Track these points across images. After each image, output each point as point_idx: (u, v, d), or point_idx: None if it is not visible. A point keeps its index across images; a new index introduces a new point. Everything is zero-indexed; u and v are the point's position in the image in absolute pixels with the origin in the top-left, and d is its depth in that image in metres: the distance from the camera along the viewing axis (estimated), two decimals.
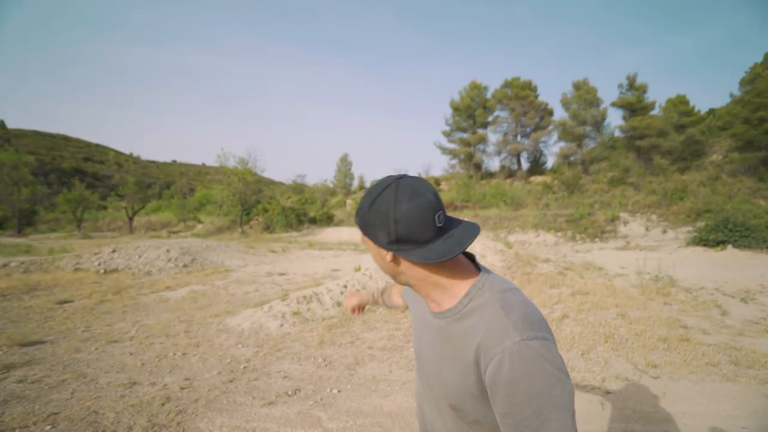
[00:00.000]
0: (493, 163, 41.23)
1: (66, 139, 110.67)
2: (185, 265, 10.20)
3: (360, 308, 1.50)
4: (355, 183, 47.07)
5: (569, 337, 4.25)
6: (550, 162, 37.97)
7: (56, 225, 33.82)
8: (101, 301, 6.74)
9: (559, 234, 17.52)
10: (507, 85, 37.40)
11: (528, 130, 37.75)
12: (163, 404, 2.98)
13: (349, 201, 36.73)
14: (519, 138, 38.07)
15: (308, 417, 2.81)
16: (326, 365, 3.75)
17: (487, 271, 0.81)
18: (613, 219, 17.99)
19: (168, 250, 10.76)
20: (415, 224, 0.72)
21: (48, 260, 10.78)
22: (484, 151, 39.35)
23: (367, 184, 45.43)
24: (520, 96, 36.20)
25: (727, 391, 3.00)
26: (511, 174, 37.51)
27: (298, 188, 45.32)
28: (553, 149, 54.02)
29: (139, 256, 10.45)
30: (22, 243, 21.21)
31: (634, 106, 30.58)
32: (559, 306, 5.53)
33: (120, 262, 10.24)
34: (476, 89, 38.02)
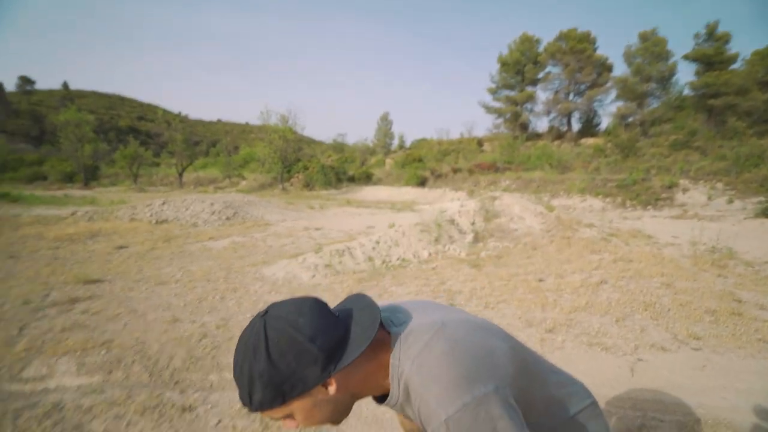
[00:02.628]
0: (541, 124, 38.88)
1: (122, 99, 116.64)
2: (228, 218, 10.71)
3: None
4: (395, 142, 46.43)
5: (605, 303, 4.06)
6: (605, 123, 35.22)
7: (116, 179, 36.49)
8: (152, 248, 7.28)
9: (608, 200, 16.50)
10: (562, 37, 34.28)
11: (582, 87, 34.90)
12: (200, 339, 3.22)
13: (388, 160, 36.39)
14: (571, 96, 35.38)
15: None
16: None
17: (395, 331, 0.71)
18: (671, 186, 16.60)
19: (212, 204, 11.32)
20: (325, 328, 0.64)
21: (108, 210, 11.73)
22: (531, 111, 37.15)
23: (408, 143, 44.74)
24: (576, 49, 33.17)
25: None
26: (559, 135, 35.26)
27: (338, 147, 45.50)
28: (609, 109, 49.85)
29: (186, 209, 11.09)
30: (88, 195, 23.20)
31: (712, 59, 27.10)
32: (598, 272, 5.27)
33: (169, 213, 10.93)
34: (527, 42, 35.25)
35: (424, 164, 28.61)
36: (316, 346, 0.62)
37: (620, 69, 37.03)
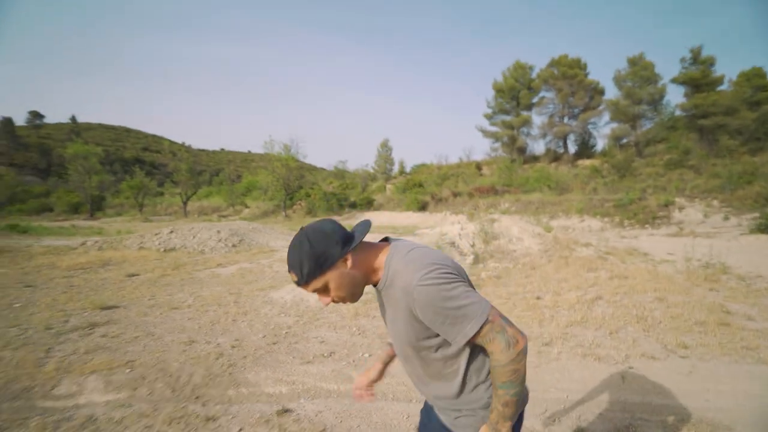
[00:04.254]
0: (538, 147, 39.67)
1: (127, 131, 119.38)
2: (234, 246, 10.96)
3: (369, 387, 1.34)
4: (396, 168, 47.15)
5: (599, 317, 4.26)
6: (600, 145, 35.93)
7: (121, 210, 37.03)
8: (162, 275, 7.51)
9: (606, 220, 16.75)
10: (554, 63, 35.54)
11: (576, 111, 35.80)
12: (217, 358, 3.42)
13: (389, 186, 36.93)
14: (566, 119, 36.24)
15: (341, 374, 3.12)
16: (359, 334, 4.05)
17: (396, 241, 1.07)
18: (667, 204, 16.89)
19: (219, 232, 11.60)
20: (339, 229, 1.01)
21: (117, 240, 12.01)
22: (528, 134, 37.92)
23: (408, 169, 45.43)
24: (568, 75, 34.31)
25: (760, 373, 2.94)
26: (556, 158, 35.90)
27: (340, 174, 46.21)
28: (603, 131, 50.93)
29: (194, 237, 11.37)
30: (95, 225, 23.57)
31: (699, 81, 27.98)
32: (593, 288, 5.48)
33: (177, 242, 11.20)
34: (520, 69, 36.48)
35: (424, 189, 29.07)
36: (336, 235, 0.99)
37: (612, 92, 38.16)
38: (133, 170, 36.90)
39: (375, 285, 1.08)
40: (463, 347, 1.00)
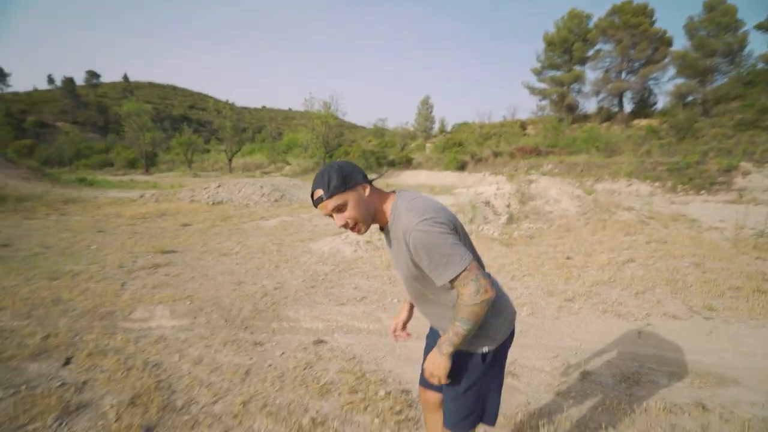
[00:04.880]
0: (589, 105, 36.94)
1: (174, 89, 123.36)
2: (276, 200, 11.56)
3: (403, 327, 1.58)
4: (436, 126, 46.01)
5: (628, 278, 4.27)
6: (661, 103, 32.91)
7: (172, 165, 39.22)
8: (212, 226, 8.18)
9: (657, 184, 15.76)
10: (615, 11, 32.09)
11: (636, 65, 32.64)
12: (262, 297, 3.86)
13: (428, 145, 36.31)
14: (624, 75, 33.26)
15: (371, 316, 3.45)
16: (390, 282, 4.36)
17: (401, 192, 1.24)
18: (730, 169, 15.55)
19: (261, 187, 12.22)
20: (358, 167, 1.21)
21: (171, 193, 12.99)
22: (579, 91, 35.32)
23: (449, 128, 44.27)
24: (631, 24, 30.97)
25: None
26: (609, 117, 33.41)
27: (379, 132, 45.91)
28: (665, 87, 46.43)
29: (239, 191, 12.07)
30: (150, 179, 25.34)
31: None
32: (628, 251, 5.41)
33: (224, 195, 11.96)
34: (576, 18, 33.38)
35: (464, 148, 28.37)
36: (359, 169, 1.20)
37: (680, 43, 34.34)
38: (182, 127, 38.63)
39: (381, 228, 1.28)
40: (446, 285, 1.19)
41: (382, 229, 1.28)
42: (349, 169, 1.17)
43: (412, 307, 1.57)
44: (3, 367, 2.46)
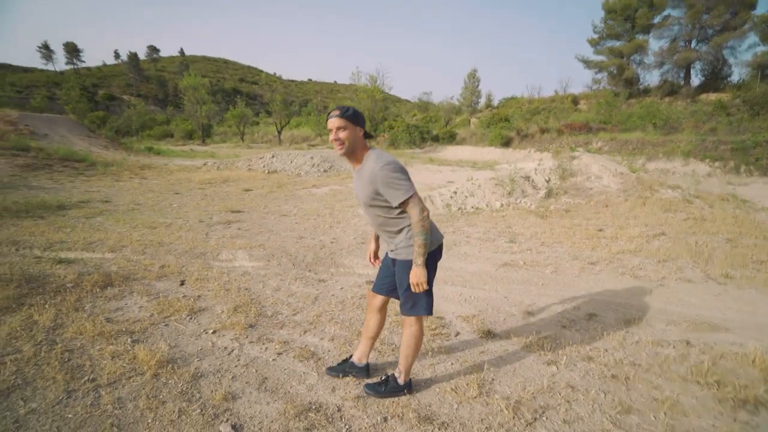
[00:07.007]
0: (651, 78, 34.41)
1: (226, 63, 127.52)
2: (325, 171, 12.35)
3: (375, 256, 2.13)
4: (482, 101, 44.78)
5: (654, 249, 4.54)
6: (737, 76, 29.89)
7: (225, 137, 41.49)
8: (270, 191, 9.08)
9: (717, 164, 14.87)
10: None
11: (710, 32, 29.71)
12: (321, 248, 4.58)
13: (473, 120, 35.67)
14: (694, 44, 30.43)
15: None
16: None
17: (375, 149, 1.80)
18: None
19: (312, 158, 13.04)
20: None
21: (229, 162, 14.16)
22: (640, 63, 32.83)
23: (495, 102, 43.08)
24: None
25: None
26: (672, 91, 30.91)
27: (423, 106, 45.47)
28: (743, 57, 41.83)
29: (291, 162, 12.97)
30: (208, 150, 27.20)
31: None
32: (661, 227, 5.58)
33: (278, 165, 12.92)
34: None
35: (510, 124, 27.69)
36: (365, 121, 1.80)
37: (765, 6, 30.52)
38: (235, 100, 40.51)
39: (354, 168, 1.84)
40: (396, 208, 1.73)
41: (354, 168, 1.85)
42: (361, 116, 1.77)
43: (377, 238, 2.12)
44: (140, 283, 3.33)
